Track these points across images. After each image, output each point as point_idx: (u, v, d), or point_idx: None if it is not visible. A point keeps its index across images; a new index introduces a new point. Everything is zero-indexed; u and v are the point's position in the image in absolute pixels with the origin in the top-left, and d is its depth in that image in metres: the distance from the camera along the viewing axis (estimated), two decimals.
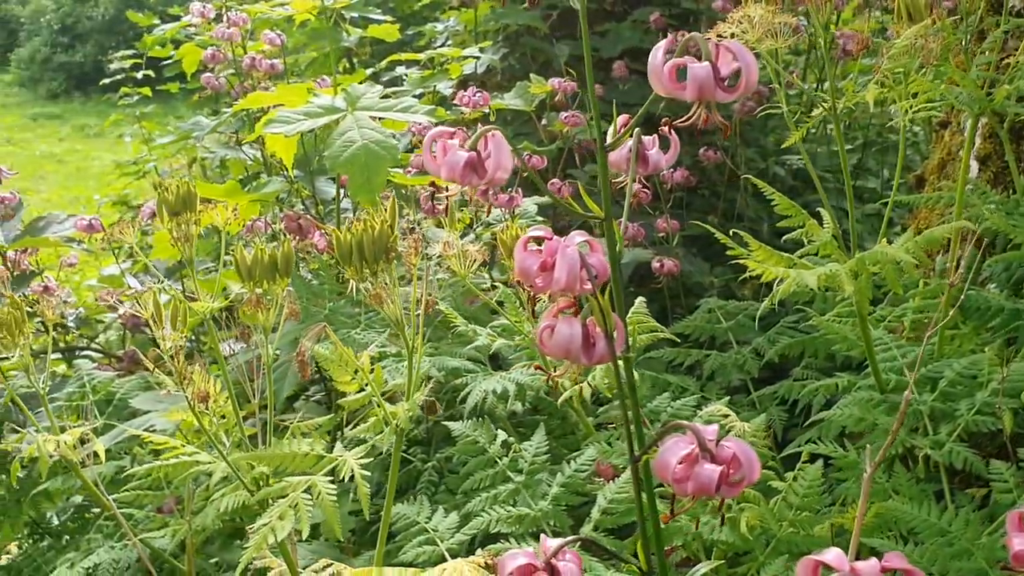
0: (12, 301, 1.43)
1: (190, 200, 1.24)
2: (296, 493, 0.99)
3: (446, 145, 0.78)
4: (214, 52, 2.38)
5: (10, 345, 1.40)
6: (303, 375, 1.09)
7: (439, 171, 0.78)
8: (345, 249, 0.98)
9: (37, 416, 2.25)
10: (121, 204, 6.67)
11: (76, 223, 2.53)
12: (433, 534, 1.24)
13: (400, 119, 1.76)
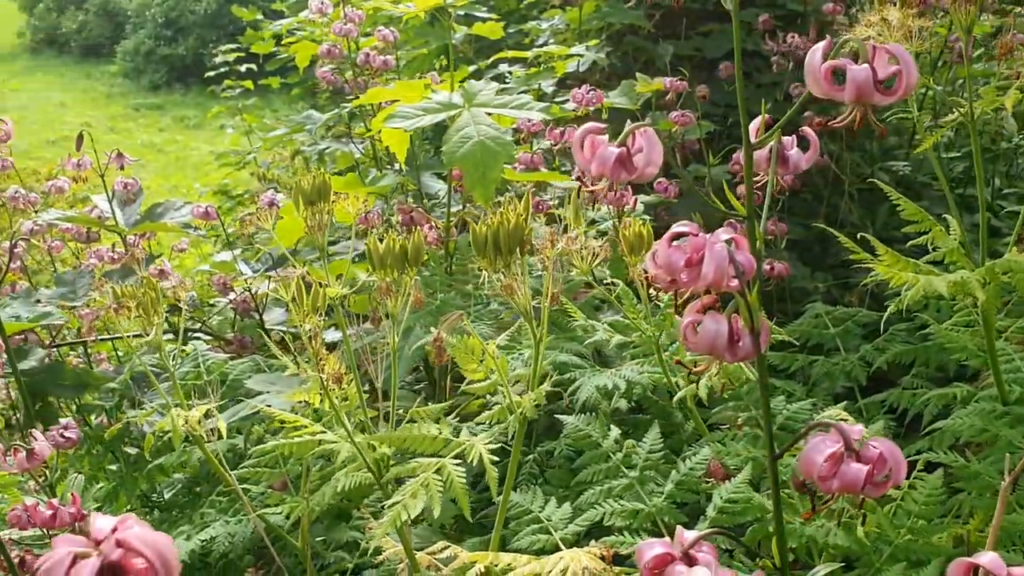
0: (148, 282, 1.50)
1: (324, 191, 1.29)
2: (427, 474, 1.02)
3: (595, 141, 0.80)
4: (329, 48, 2.45)
5: (147, 324, 1.47)
6: (439, 360, 1.13)
7: (589, 166, 0.80)
8: (481, 240, 1.00)
9: (156, 394, 2.36)
10: (221, 193, 6.88)
11: (193, 210, 2.64)
12: (547, 523, 1.27)
13: (516, 115, 1.79)
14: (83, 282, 2.47)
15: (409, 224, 1.93)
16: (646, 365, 1.46)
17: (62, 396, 2.25)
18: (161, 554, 0.52)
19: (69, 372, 2.22)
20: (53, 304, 2.31)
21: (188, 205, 2.66)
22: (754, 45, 3.62)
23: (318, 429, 1.27)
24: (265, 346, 2.87)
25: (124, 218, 2.61)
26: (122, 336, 2.70)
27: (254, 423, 2.08)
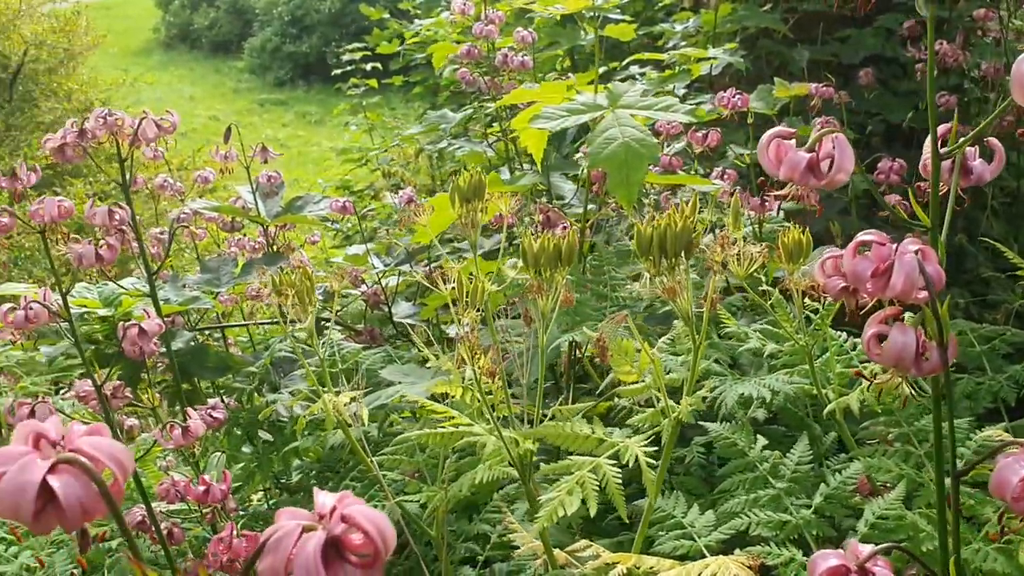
0: (304, 272, 1.56)
1: (480, 189, 1.31)
2: (582, 472, 1.03)
3: (781, 145, 0.80)
4: (469, 48, 2.49)
5: (301, 313, 1.53)
6: (602, 360, 1.14)
7: (776, 170, 0.79)
8: (645, 242, 1.01)
9: (293, 380, 2.45)
10: (343, 189, 7.07)
11: (331, 204, 2.73)
12: (690, 529, 1.26)
13: (662, 118, 1.78)
14: (226, 269, 2.57)
15: (545, 224, 1.95)
16: (795, 375, 1.43)
17: (205, 378, 2.35)
18: (382, 530, 0.54)
19: (213, 355, 2.32)
20: (200, 289, 2.42)
21: (326, 199, 2.75)
22: (892, 52, 3.51)
23: (465, 421, 1.30)
24: (393, 337, 2.94)
25: (266, 209, 2.72)
26: (268, 323, 2.81)
27: (388, 412, 2.14)
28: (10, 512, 0.53)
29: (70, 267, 6.29)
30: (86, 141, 1.72)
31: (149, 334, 1.62)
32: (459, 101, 6.70)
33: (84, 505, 0.54)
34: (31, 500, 0.52)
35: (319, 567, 0.52)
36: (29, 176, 1.58)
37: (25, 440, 0.56)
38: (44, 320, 1.51)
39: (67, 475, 0.54)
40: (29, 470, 0.53)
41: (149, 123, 1.70)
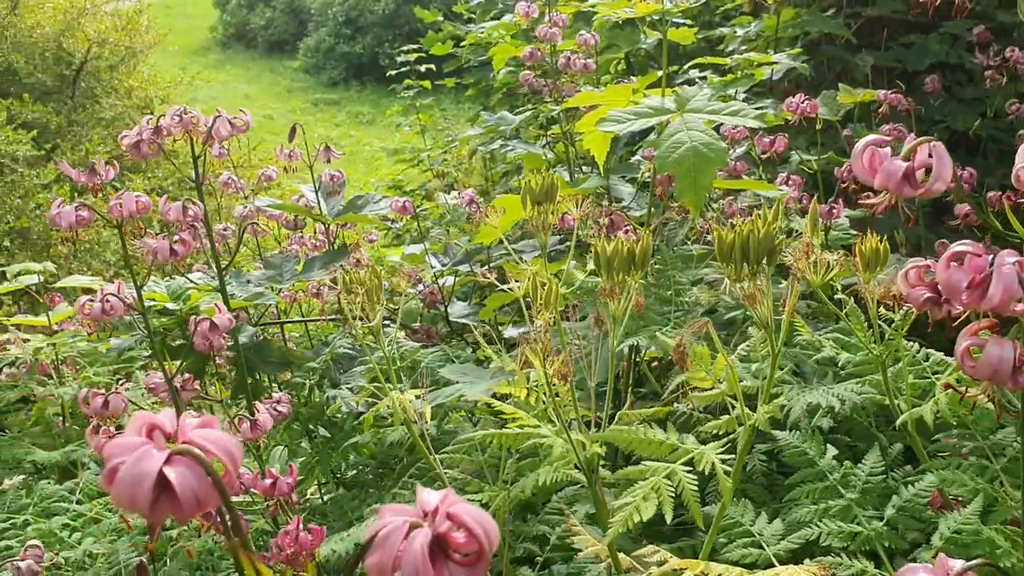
0: (372, 270, 1.58)
1: (552, 191, 1.32)
2: (657, 478, 1.03)
3: (878, 153, 0.79)
4: (532, 51, 2.50)
5: (369, 311, 1.55)
6: (681, 367, 1.13)
7: (871, 179, 0.78)
8: (727, 247, 1.00)
9: (353, 376, 2.48)
10: (395, 188, 7.13)
11: (392, 204, 2.75)
12: (758, 537, 1.25)
13: (730, 122, 1.77)
14: (288, 266, 2.60)
15: (608, 227, 1.94)
16: (865, 385, 1.41)
17: (267, 372, 2.38)
18: (487, 529, 0.55)
19: (275, 350, 2.36)
20: (263, 285, 2.45)
21: (386, 198, 2.77)
22: (957, 58, 3.45)
23: (532, 423, 1.30)
24: (447, 336, 2.96)
25: (327, 208, 2.75)
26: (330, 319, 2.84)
27: (446, 411, 2.15)
28: (127, 501, 0.54)
29: (129, 261, 6.38)
30: (161, 138, 1.76)
31: (220, 328, 1.65)
32: (512, 103, 6.72)
33: (198, 495, 0.55)
34: (148, 490, 0.54)
35: (427, 564, 0.53)
36: (108, 171, 1.61)
37: (139, 431, 0.57)
38: (120, 312, 1.54)
39: (182, 466, 0.55)
40: (146, 461, 0.54)
41: (223, 121, 1.73)
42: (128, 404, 1.59)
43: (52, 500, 2.87)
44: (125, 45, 9.85)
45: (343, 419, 2.32)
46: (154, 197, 1.83)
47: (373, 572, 0.55)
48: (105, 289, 1.56)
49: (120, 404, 1.57)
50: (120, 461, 0.55)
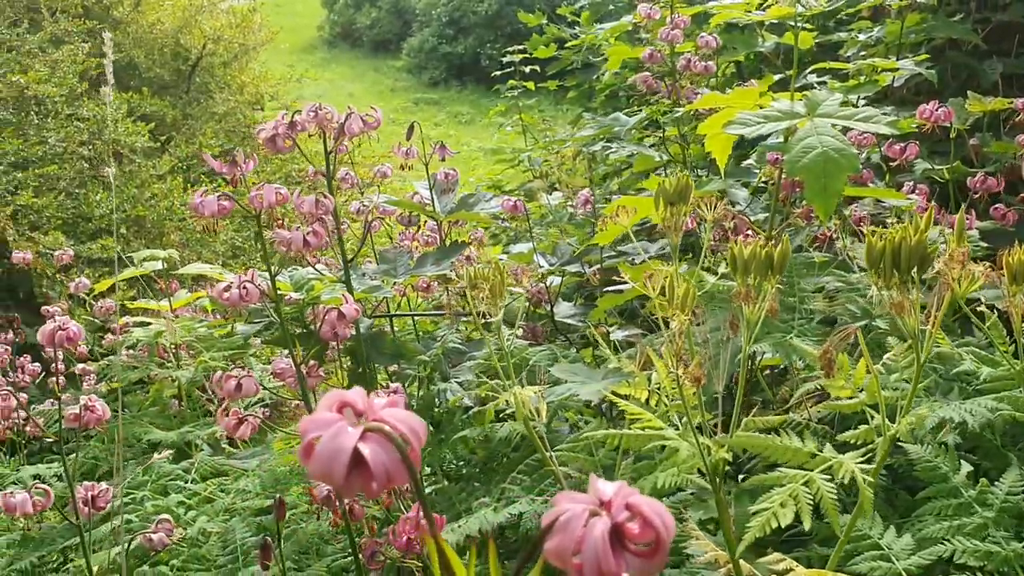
0: (496, 266, 1.60)
1: (686, 192, 1.32)
2: (795, 485, 1.02)
3: None
4: (652, 52, 2.49)
5: (492, 307, 1.57)
6: (828, 374, 1.12)
7: None
8: (876, 255, 0.99)
9: (462, 371, 2.51)
10: (494, 188, 7.19)
11: (503, 203, 2.78)
12: (887, 551, 1.23)
13: (862, 128, 1.74)
14: (402, 260, 2.66)
15: (734, 230, 1.93)
16: (1002, 402, 1.37)
17: (380, 363, 2.44)
18: (666, 521, 0.55)
19: (389, 342, 2.41)
20: (379, 278, 2.51)
21: (497, 197, 2.80)
22: None
23: (659, 424, 1.30)
24: (552, 335, 2.97)
25: (440, 205, 2.80)
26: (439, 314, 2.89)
27: (555, 409, 2.16)
28: (322, 474, 0.57)
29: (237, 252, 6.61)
30: (295, 132, 1.82)
31: (348, 318, 1.69)
32: (614, 105, 6.71)
33: (389, 471, 0.57)
34: (344, 464, 0.56)
35: (607, 550, 0.54)
36: (247, 163, 1.68)
37: (330, 408, 0.60)
38: (256, 299, 1.60)
39: (375, 443, 0.57)
40: (342, 437, 0.57)
41: (356, 118, 1.78)
42: (259, 387, 1.65)
43: (169, 478, 3.00)
44: (239, 42, 10.18)
45: (451, 413, 2.35)
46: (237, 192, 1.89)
47: (552, 555, 0.56)
48: (243, 277, 1.62)
49: (252, 387, 1.63)
50: (315, 436, 0.58)
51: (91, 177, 7.85)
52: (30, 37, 7.56)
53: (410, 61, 17.34)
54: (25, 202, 6.88)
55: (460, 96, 16.45)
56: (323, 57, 18.74)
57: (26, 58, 7.39)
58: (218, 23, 10.08)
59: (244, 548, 2.27)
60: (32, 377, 4.74)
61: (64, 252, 3.66)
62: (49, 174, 7.25)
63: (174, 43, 9.70)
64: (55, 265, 3.55)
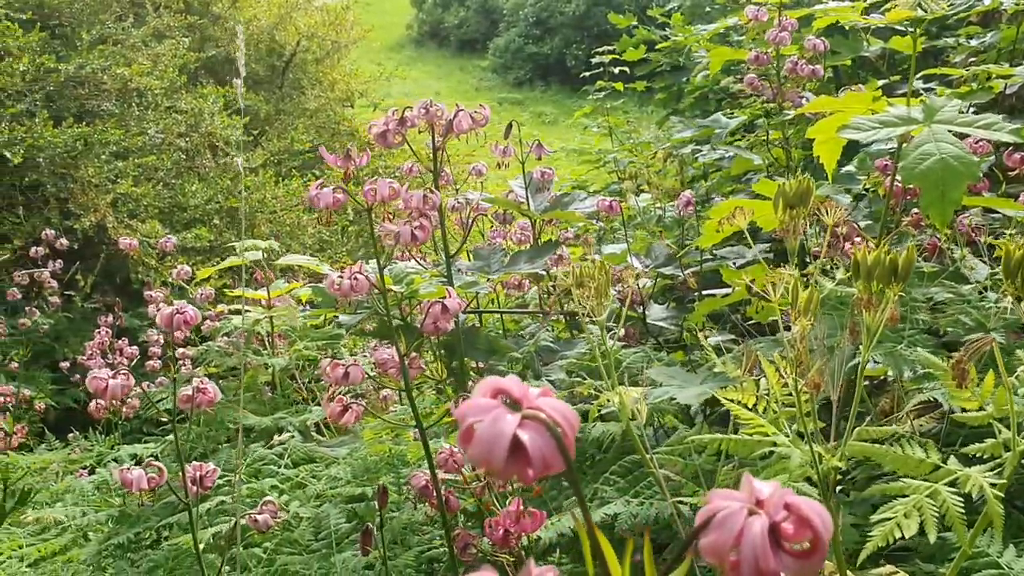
0: (601, 266, 1.60)
1: (806, 195, 1.30)
2: (919, 496, 1.00)
3: None
4: (758, 54, 2.46)
5: (597, 307, 1.57)
6: (960, 385, 1.10)
7: None
8: (1015, 264, 0.96)
9: (553, 370, 2.52)
10: (579, 188, 7.18)
11: (598, 203, 2.78)
12: (1007, 570, 1.19)
13: (982, 135, 1.69)
14: (496, 258, 2.68)
15: (845, 237, 1.89)
16: None
17: (474, 358, 2.46)
18: (826, 523, 0.55)
19: (483, 338, 2.43)
20: (474, 275, 2.53)
21: (592, 197, 2.80)
22: None
23: (771, 430, 1.29)
24: (643, 337, 2.96)
25: (535, 204, 2.81)
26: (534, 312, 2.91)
27: (653, 411, 2.15)
28: (482, 458, 0.58)
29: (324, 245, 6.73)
30: (405, 128, 1.85)
31: (451, 312, 1.72)
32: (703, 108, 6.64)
33: (546, 458, 0.58)
34: (504, 448, 0.57)
35: (766, 548, 0.54)
36: (361, 158, 1.71)
37: (486, 394, 0.61)
38: (365, 290, 1.63)
39: (533, 430, 0.58)
40: (502, 422, 0.58)
41: (465, 115, 1.80)
42: (365, 375, 1.69)
43: (262, 462, 3.07)
44: (331, 40, 10.38)
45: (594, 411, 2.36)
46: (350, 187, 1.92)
47: (708, 552, 0.56)
48: (354, 268, 1.66)
49: (359, 375, 1.67)
50: (474, 421, 0.59)
51: (187, 168, 8.11)
52: (135, 32, 7.84)
53: (495, 61, 17.43)
54: (125, 191, 7.14)
55: (544, 96, 16.47)
56: (410, 56, 18.99)
57: (130, 52, 7.66)
58: (312, 20, 10.30)
59: (338, 534, 2.32)
60: (129, 359, 4.92)
61: (167, 240, 3.79)
62: (148, 164, 7.51)
63: (269, 39, 9.95)
64: (157, 252, 3.67)
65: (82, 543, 3.82)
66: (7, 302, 6.60)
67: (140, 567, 2.92)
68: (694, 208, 2.58)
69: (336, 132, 10.39)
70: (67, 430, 5.43)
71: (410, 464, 2.82)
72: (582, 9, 16.28)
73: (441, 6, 19.35)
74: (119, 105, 7.44)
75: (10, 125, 6.59)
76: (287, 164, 9.28)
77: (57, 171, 6.86)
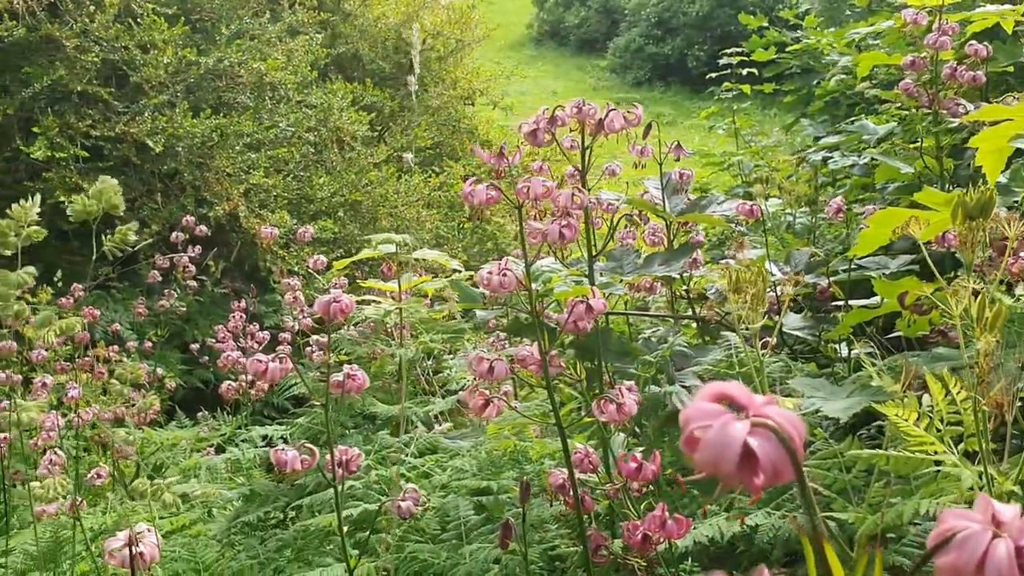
0: (760, 271, 1.57)
1: (988, 207, 1.24)
2: None
3: None
4: (914, 59, 2.37)
5: (752, 315, 1.55)
6: None
7: None
8: None
9: (686, 376, 2.49)
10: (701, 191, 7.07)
11: (738, 207, 2.73)
12: None
13: None
14: (629, 259, 2.66)
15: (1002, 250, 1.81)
16: None
17: (607, 360, 2.45)
18: None
19: (615, 340, 2.42)
20: (607, 275, 2.52)
21: (730, 200, 2.76)
22: None
23: (941, 448, 1.24)
24: (778, 346, 2.90)
25: (671, 205, 2.78)
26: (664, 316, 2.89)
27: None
28: (711, 463, 0.58)
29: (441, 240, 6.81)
30: (555, 127, 1.85)
31: (595, 312, 1.72)
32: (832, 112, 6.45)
33: (776, 466, 0.57)
34: (735, 455, 0.57)
35: (1014, 572, 0.52)
36: (513, 156, 1.73)
37: (709, 399, 0.61)
38: (513, 286, 1.65)
39: (763, 438, 0.57)
40: (732, 428, 0.57)
41: (617, 115, 1.80)
42: (509, 370, 1.70)
43: (389, 450, 3.14)
44: (456, 38, 10.52)
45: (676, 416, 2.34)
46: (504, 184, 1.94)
47: (947, 571, 0.54)
48: (501, 264, 1.67)
49: (503, 370, 1.68)
50: (699, 426, 0.59)
51: (315, 161, 8.36)
52: (270, 27, 8.11)
53: (615, 60, 17.34)
54: (257, 181, 7.41)
55: (663, 97, 16.30)
56: (529, 55, 19.08)
57: (266, 47, 7.94)
58: (438, 19, 10.46)
59: (467, 526, 2.35)
60: (259, 344, 5.10)
61: (305, 230, 3.91)
62: (278, 156, 7.77)
63: (396, 37, 10.15)
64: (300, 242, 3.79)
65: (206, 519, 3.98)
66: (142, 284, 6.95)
67: (268, 545, 3.02)
68: (844, 215, 2.50)
69: (456, 130, 10.52)
70: (195, 409, 5.68)
71: (532, 461, 2.84)
72: (705, 10, 16.03)
73: (563, 5, 19.38)
74: (254, 98, 7.72)
75: (153, 115, 6.92)
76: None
77: (194, 160, 7.17)
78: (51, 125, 6.51)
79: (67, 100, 6.85)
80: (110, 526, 3.43)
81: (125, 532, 1.31)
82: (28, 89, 6.57)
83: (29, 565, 3.28)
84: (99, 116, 6.86)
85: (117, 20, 7.00)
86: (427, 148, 9.52)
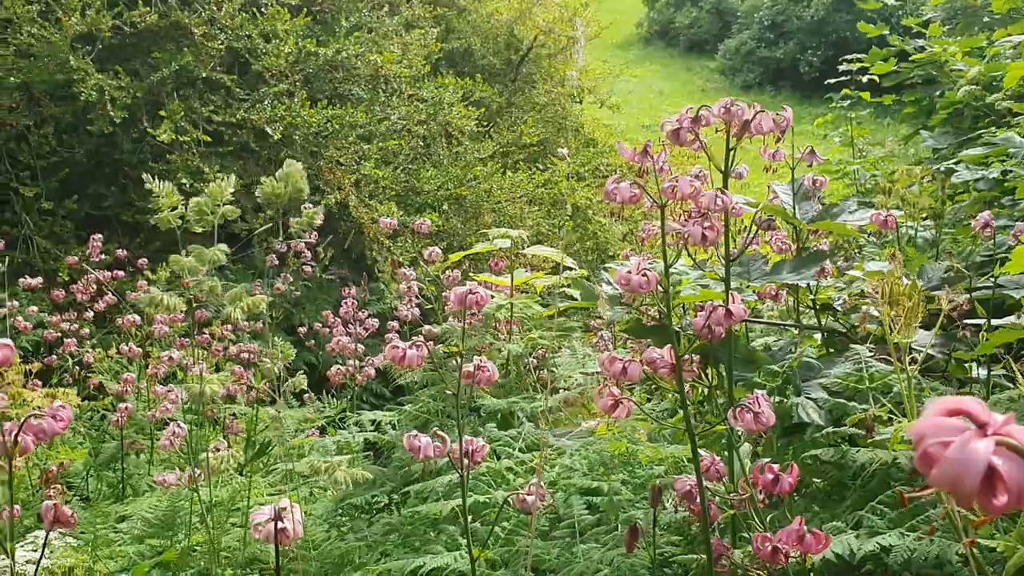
0: (914, 285, 1.52)
1: None
2: None
3: None
4: None
5: (906, 330, 1.49)
6: None
7: None
8: None
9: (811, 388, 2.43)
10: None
11: (873, 217, 2.65)
12: None
13: None
14: (756, 265, 2.61)
15: None
16: None
17: (735, 369, 2.41)
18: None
19: (742, 349, 2.37)
20: (735, 280, 2.48)
21: (863, 209, 2.67)
22: None
23: None
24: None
25: (800, 212, 2.71)
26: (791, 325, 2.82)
27: None
28: (951, 481, 0.55)
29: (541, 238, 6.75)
30: (698, 126, 1.82)
31: (735, 317, 1.68)
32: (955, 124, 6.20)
33: (1022, 488, 0.54)
34: (979, 474, 0.54)
35: None
36: (659, 155, 1.71)
37: (943, 413, 0.58)
38: (652, 287, 1.63)
39: (1009, 458, 0.55)
40: (975, 446, 0.55)
41: (766, 116, 1.76)
42: (642, 373, 1.68)
43: (498, 443, 3.15)
44: (567, 35, 10.51)
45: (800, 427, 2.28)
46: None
47: None
48: (641, 264, 1.65)
49: (637, 372, 1.67)
50: (935, 442, 0.57)
51: (423, 154, 8.46)
52: (388, 20, 8.25)
53: (725, 63, 17.05)
54: (367, 172, 7.54)
55: (772, 102, 15.93)
56: (637, 54, 18.92)
57: (382, 40, 8.07)
58: (550, 16, 10.46)
59: (581, 525, 2.34)
60: (366, 331, 5.20)
61: (423, 223, 3.95)
62: (389, 148, 7.89)
63: (508, 33, 10.19)
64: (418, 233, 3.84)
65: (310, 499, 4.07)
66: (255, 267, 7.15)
67: (374, 529, 3.07)
68: (993, 230, 2.40)
69: (562, 127, 10.51)
70: (301, 391, 5.82)
71: (643, 465, 2.81)
72: (821, 14, 15.61)
73: (674, 5, 19.16)
74: (368, 90, 7.86)
75: (272, 103, 7.11)
76: (514, 156, 9.49)
77: (308, 148, 7.34)
78: (176, 109, 6.76)
79: (192, 86, 7.10)
80: (225, 499, 3.54)
81: (270, 507, 1.35)
82: (156, 74, 6.83)
83: (147, 531, 3.41)
84: (221, 102, 7.09)
85: (242, 9, 7.21)
86: (532, 144, 9.53)
